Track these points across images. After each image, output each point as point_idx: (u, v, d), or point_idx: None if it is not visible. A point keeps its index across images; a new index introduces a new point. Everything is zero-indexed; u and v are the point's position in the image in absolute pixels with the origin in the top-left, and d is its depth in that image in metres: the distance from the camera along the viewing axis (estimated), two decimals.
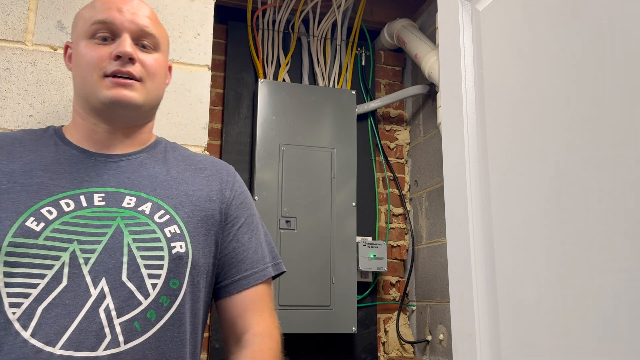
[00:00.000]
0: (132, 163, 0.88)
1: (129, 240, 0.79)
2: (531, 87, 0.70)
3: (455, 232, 0.81)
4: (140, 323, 0.77)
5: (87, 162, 0.85)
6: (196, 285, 0.85)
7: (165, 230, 0.82)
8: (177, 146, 0.98)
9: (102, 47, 0.84)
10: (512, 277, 0.70)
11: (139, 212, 0.82)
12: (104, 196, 0.82)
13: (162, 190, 0.86)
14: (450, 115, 0.85)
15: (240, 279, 0.90)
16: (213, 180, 0.93)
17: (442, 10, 0.91)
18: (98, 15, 0.85)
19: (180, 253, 0.82)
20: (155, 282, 0.79)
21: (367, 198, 2.47)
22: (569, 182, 0.62)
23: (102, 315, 0.75)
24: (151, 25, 0.88)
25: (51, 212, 0.78)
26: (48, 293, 0.74)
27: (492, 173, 0.76)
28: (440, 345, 2.20)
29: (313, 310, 2.12)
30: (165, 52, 0.92)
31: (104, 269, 0.77)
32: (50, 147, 0.86)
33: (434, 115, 2.38)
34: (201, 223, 0.87)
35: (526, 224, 0.69)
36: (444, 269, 2.18)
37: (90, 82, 0.83)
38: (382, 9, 2.61)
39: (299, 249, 2.14)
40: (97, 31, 0.85)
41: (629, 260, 0.54)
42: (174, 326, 0.80)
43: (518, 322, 0.69)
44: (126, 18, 0.85)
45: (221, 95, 2.37)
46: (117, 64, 0.83)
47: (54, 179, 0.81)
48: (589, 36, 0.61)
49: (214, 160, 0.98)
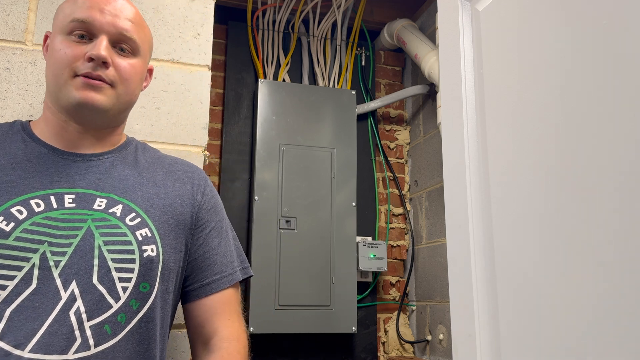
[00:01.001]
0: (102, 164, 0.86)
1: (100, 243, 0.78)
2: (531, 87, 0.70)
3: (455, 232, 0.81)
4: (110, 326, 0.76)
5: (56, 160, 0.83)
6: (166, 289, 0.85)
7: (136, 233, 0.81)
8: (148, 147, 0.97)
9: (77, 46, 0.82)
10: (512, 277, 0.70)
11: (110, 214, 0.81)
12: (74, 197, 0.80)
13: (134, 193, 0.85)
14: (450, 115, 0.85)
15: (209, 283, 0.91)
16: (184, 183, 0.92)
17: (442, 10, 0.91)
18: (78, 12, 0.82)
19: (152, 256, 0.81)
20: (126, 286, 0.78)
21: (367, 198, 2.47)
22: (568, 182, 0.62)
23: (72, 318, 0.74)
24: (132, 29, 0.85)
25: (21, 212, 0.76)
26: (17, 295, 0.73)
27: (492, 173, 0.76)
28: (440, 345, 2.20)
29: (313, 310, 2.12)
30: (145, 56, 0.90)
31: (75, 272, 0.76)
32: (18, 144, 0.84)
33: (434, 115, 2.38)
34: (172, 227, 0.86)
35: (526, 224, 0.69)
36: (444, 269, 2.18)
37: (60, 80, 0.81)
38: (382, 9, 2.61)
39: (299, 249, 2.14)
40: (75, 29, 0.82)
41: (630, 260, 0.54)
42: (143, 329, 0.80)
43: (518, 322, 0.69)
44: (106, 20, 0.83)
45: (221, 95, 2.37)
46: (89, 66, 0.81)
47: (23, 178, 0.80)
48: (589, 36, 0.61)
49: (185, 163, 0.97)
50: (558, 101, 0.65)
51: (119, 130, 0.92)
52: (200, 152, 1.19)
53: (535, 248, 0.67)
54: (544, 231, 0.65)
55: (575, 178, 0.61)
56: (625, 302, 0.54)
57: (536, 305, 0.66)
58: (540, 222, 0.66)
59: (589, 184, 0.60)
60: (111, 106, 0.84)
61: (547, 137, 0.66)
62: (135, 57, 0.87)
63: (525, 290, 0.68)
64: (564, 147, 0.63)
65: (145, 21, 0.92)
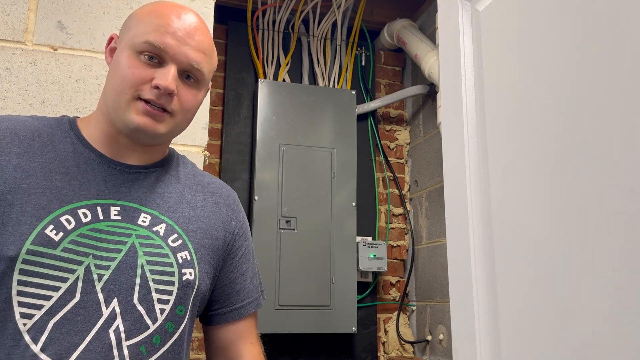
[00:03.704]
0: (147, 177, 0.86)
1: (143, 262, 0.79)
2: (531, 87, 0.70)
3: (455, 232, 0.81)
4: (146, 347, 0.77)
5: (104, 169, 0.82)
6: (194, 312, 0.86)
7: (177, 255, 0.82)
8: (187, 161, 0.97)
9: (146, 68, 0.79)
10: (512, 277, 0.71)
11: (154, 232, 0.81)
12: (119, 210, 0.80)
13: (176, 213, 0.85)
14: (450, 115, 0.85)
15: (237, 309, 0.93)
16: (221, 207, 0.93)
17: (442, 10, 0.91)
18: (152, 36, 0.79)
19: (190, 280, 0.82)
20: (164, 308, 0.79)
21: (367, 198, 2.47)
22: (569, 182, 0.62)
23: (112, 336, 0.74)
24: (202, 61, 0.82)
25: (70, 222, 0.76)
26: (61, 307, 0.73)
27: (492, 173, 0.76)
28: (440, 345, 2.20)
29: (313, 310, 2.12)
30: (208, 84, 0.88)
31: (117, 288, 0.76)
32: (67, 146, 0.82)
33: (434, 115, 2.38)
34: (208, 251, 0.87)
35: (526, 224, 0.69)
36: (444, 269, 2.18)
37: (122, 99, 0.79)
38: (382, 9, 2.61)
39: (299, 249, 2.14)
40: (146, 50, 0.79)
41: (631, 260, 0.54)
42: (175, 352, 0.81)
43: (518, 322, 0.69)
44: (179, 50, 0.79)
45: (221, 95, 2.37)
46: (154, 94, 0.78)
47: (72, 185, 0.79)
48: (589, 36, 0.61)
49: (221, 185, 0.97)
50: (558, 101, 0.65)
51: (167, 145, 0.92)
52: (200, 152, 1.19)
53: (535, 248, 0.67)
54: (544, 231, 0.65)
55: (576, 178, 0.61)
56: (625, 302, 0.54)
57: (536, 305, 0.66)
58: (540, 222, 0.66)
59: (589, 183, 0.60)
60: (167, 132, 0.82)
61: (547, 137, 0.66)
62: (200, 88, 0.85)
63: (525, 290, 0.68)
64: (564, 147, 0.63)
65: (215, 47, 0.89)
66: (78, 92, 1.13)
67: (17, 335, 0.70)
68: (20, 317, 0.71)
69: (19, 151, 0.78)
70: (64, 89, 1.12)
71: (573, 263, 0.61)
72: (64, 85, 1.12)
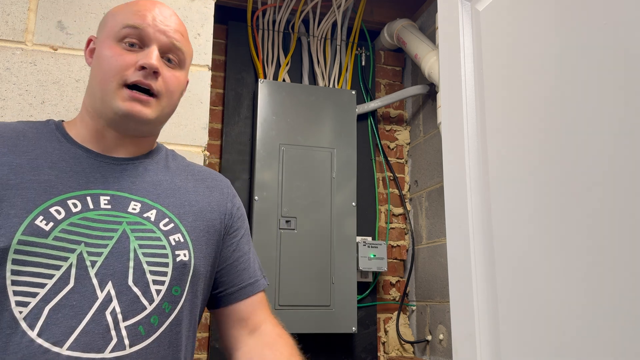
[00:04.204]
0: (136, 168, 0.88)
1: (135, 246, 0.80)
2: (531, 87, 0.70)
3: (455, 232, 0.82)
4: (144, 327, 0.78)
5: (91, 162, 0.84)
6: (195, 293, 0.86)
7: (170, 238, 0.83)
8: (176, 154, 0.99)
9: (128, 54, 0.82)
10: (512, 277, 0.71)
11: (145, 218, 0.83)
12: (109, 199, 0.82)
13: (167, 199, 0.87)
14: (450, 115, 0.85)
15: (247, 286, 0.94)
16: (214, 191, 0.94)
17: (442, 10, 0.91)
18: (131, 19, 0.83)
19: (184, 261, 0.83)
20: (160, 289, 0.80)
21: (367, 198, 2.47)
22: (569, 182, 0.62)
23: (108, 318, 0.75)
24: (182, 41, 0.87)
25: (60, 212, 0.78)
26: (55, 293, 0.74)
27: (492, 173, 0.76)
28: (440, 345, 2.20)
29: (313, 310, 2.12)
30: (187, 69, 0.91)
31: (111, 273, 0.77)
32: (54, 144, 0.85)
33: (434, 115, 2.38)
34: (203, 232, 0.88)
35: (526, 224, 0.69)
36: (444, 269, 2.18)
37: (108, 88, 0.81)
38: (382, 9, 2.61)
39: (299, 249, 2.14)
40: (127, 36, 0.82)
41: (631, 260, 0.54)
42: (173, 332, 0.82)
43: (518, 322, 0.69)
44: (158, 28, 0.84)
45: (221, 95, 2.37)
46: (140, 74, 0.81)
47: (60, 178, 0.81)
48: (589, 36, 0.61)
49: (212, 172, 0.99)
50: (558, 101, 0.65)
51: (154, 137, 0.94)
52: (200, 152, 1.19)
53: (535, 248, 0.67)
54: (544, 231, 0.65)
55: (576, 177, 0.61)
56: (625, 302, 0.54)
57: (536, 305, 0.66)
58: (541, 222, 0.66)
59: (589, 183, 0.60)
60: (155, 118, 0.85)
61: (547, 137, 0.66)
62: (181, 69, 0.88)
63: (525, 290, 0.68)
64: (564, 146, 0.63)
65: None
66: (78, 92, 1.13)
67: (14, 323, 0.72)
68: (15, 306, 0.72)
69: (4, 150, 0.80)
70: (64, 89, 1.12)
71: (574, 263, 0.61)
72: (64, 85, 1.12)
